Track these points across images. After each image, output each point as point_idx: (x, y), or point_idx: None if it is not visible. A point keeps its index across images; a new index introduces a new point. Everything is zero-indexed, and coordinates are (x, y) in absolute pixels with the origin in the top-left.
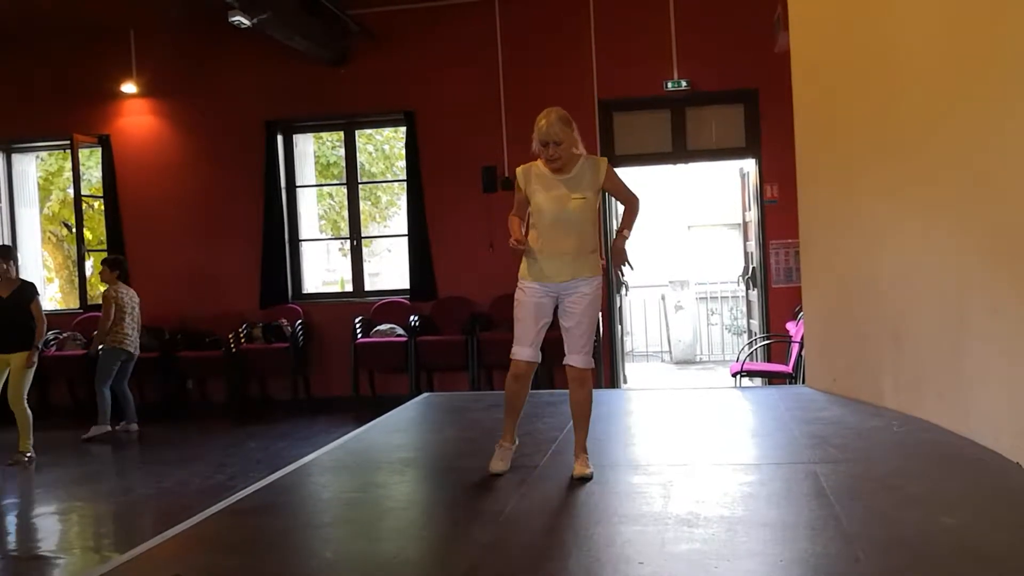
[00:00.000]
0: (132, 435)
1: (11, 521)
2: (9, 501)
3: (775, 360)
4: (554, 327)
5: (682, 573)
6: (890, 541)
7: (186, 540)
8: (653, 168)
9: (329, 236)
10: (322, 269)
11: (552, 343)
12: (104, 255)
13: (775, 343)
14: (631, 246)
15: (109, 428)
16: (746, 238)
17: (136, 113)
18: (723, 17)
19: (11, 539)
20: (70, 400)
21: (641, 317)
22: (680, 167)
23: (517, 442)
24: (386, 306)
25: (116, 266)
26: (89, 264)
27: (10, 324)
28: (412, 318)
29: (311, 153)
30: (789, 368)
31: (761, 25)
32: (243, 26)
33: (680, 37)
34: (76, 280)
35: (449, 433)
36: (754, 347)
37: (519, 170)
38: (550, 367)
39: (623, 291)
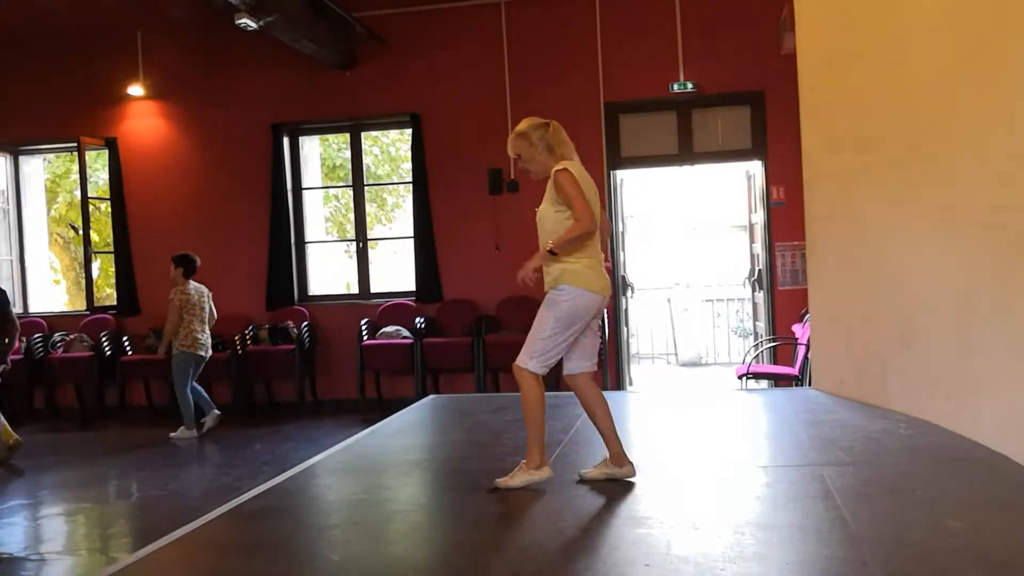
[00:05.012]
0: (216, 421)
1: (18, 522)
2: (16, 502)
3: (781, 362)
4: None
5: None
6: (897, 544)
7: (192, 542)
8: (659, 170)
9: (335, 238)
10: (328, 271)
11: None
12: (110, 256)
13: (781, 345)
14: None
15: (195, 434)
16: (752, 240)
17: (143, 115)
18: (729, 19)
19: (18, 540)
20: (76, 402)
21: (647, 319)
22: (686, 169)
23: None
24: (392, 308)
25: (180, 263)
26: (96, 266)
27: None
28: (418, 320)
29: (317, 155)
30: (795, 370)
31: (767, 27)
32: (250, 29)
33: (686, 39)
34: (83, 282)
35: (455, 435)
36: (760, 349)
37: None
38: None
39: (629, 293)
